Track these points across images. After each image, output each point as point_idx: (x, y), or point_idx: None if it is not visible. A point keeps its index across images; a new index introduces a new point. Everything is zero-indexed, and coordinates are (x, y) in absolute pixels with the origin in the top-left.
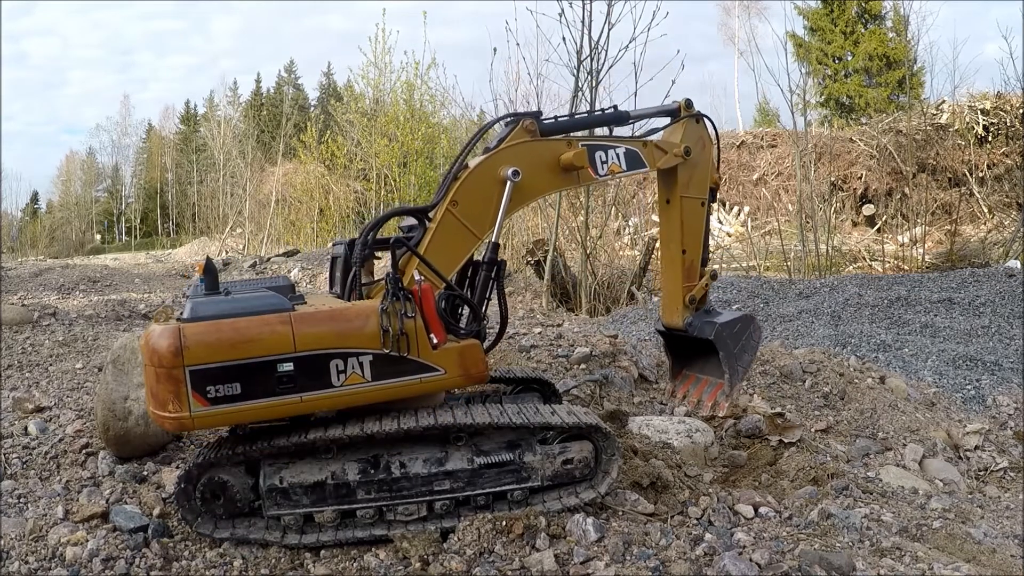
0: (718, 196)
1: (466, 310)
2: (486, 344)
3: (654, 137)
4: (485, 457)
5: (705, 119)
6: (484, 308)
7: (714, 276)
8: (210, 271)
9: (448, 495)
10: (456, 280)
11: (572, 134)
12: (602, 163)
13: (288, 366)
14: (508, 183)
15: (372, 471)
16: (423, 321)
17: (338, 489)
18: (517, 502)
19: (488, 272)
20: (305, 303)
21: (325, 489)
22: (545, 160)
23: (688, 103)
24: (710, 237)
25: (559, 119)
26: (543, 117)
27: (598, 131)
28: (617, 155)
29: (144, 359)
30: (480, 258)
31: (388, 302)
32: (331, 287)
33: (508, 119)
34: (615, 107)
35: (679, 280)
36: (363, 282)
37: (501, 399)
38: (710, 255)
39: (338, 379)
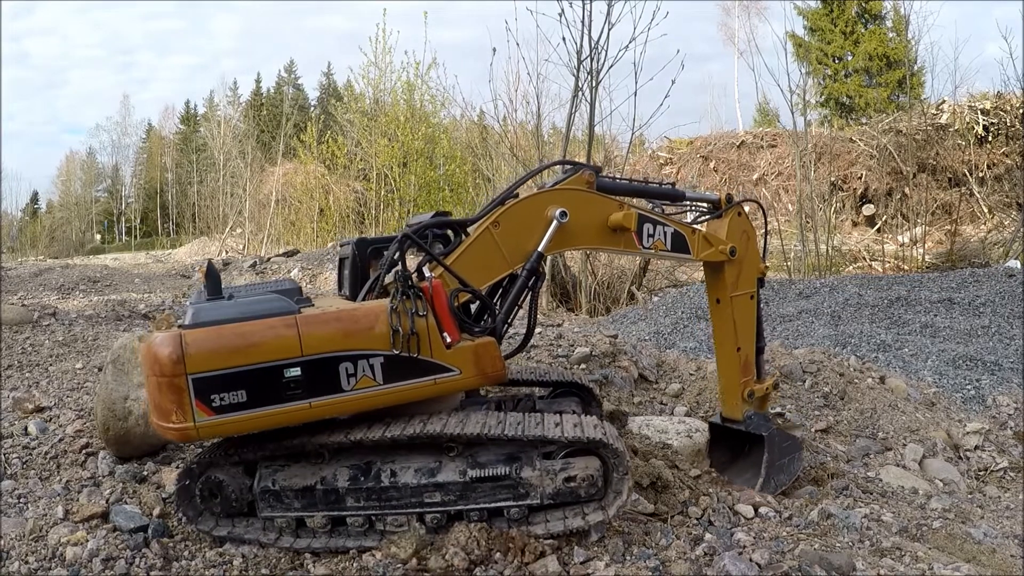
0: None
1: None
2: (509, 350)
3: (702, 228)
4: (480, 470)
5: (751, 205)
6: (513, 314)
7: (776, 386)
8: (212, 275)
9: (440, 508)
10: (492, 286)
11: (625, 199)
12: (648, 236)
13: (295, 371)
14: (554, 222)
15: (362, 478)
16: (435, 320)
17: (327, 495)
18: (515, 520)
19: (526, 280)
20: (312, 305)
21: (315, 494)
22: (594, 215)
23: (729, 198)
24: (761, 317)
25: (617, 180)
26: (602, 173)
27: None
28: (665, 233)
29: (145, 369)
30: (522, 266)
31: (398, 301)
32: (340, 288)
33: (567, 166)
34: (673, 184)
35: (737, 377)
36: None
37: (535, 404)
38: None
39: (348, 383)
